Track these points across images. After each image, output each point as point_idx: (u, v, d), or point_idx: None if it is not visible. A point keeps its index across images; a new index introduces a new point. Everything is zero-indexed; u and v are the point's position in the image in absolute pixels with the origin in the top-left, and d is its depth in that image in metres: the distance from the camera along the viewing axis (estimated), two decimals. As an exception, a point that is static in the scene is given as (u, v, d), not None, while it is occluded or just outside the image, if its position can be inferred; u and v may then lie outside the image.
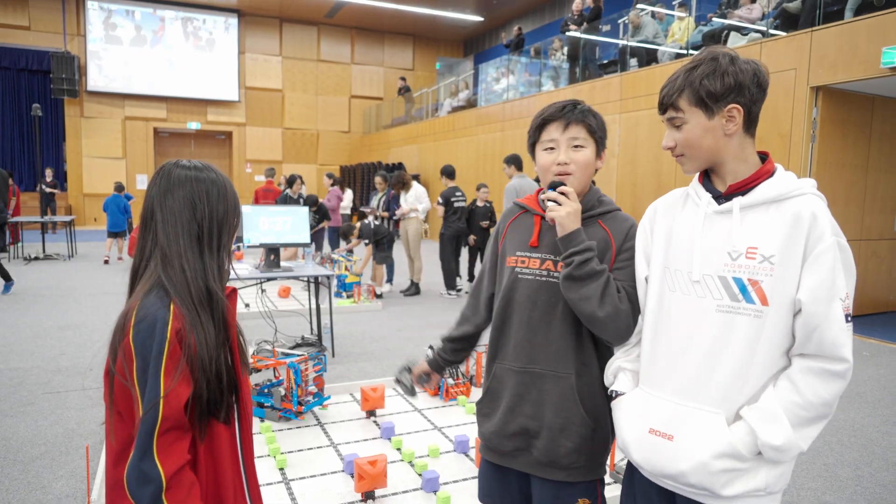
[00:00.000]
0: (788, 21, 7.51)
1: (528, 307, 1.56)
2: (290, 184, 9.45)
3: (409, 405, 3.88)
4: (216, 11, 19.83)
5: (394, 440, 3.25)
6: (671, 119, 1.35)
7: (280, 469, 2.93)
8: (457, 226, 8.09)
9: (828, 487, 3.04)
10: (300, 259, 8.26)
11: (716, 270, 1.29)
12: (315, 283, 5.33)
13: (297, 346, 4.68)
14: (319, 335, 5.29)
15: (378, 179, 8.82)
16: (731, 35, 8.08)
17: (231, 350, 1.31)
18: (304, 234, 5.01)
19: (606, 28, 11.27)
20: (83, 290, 7.96)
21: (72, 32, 18.45)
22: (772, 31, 7.67)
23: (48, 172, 16.40)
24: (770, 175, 1.32)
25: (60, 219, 12.65)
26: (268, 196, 10.46)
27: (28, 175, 18.98)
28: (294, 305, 7.15)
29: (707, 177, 1.40)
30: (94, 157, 18.78)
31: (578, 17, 11.59)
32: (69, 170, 18.78)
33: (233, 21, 20.10)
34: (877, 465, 3.29)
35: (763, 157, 1.36)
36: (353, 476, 2.71)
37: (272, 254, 4.91)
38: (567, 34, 11.68)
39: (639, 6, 10.08)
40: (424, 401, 3.97)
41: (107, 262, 10.55)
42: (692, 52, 8.82)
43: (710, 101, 1.29)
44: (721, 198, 1.34)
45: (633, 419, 1.39)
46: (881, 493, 2.99)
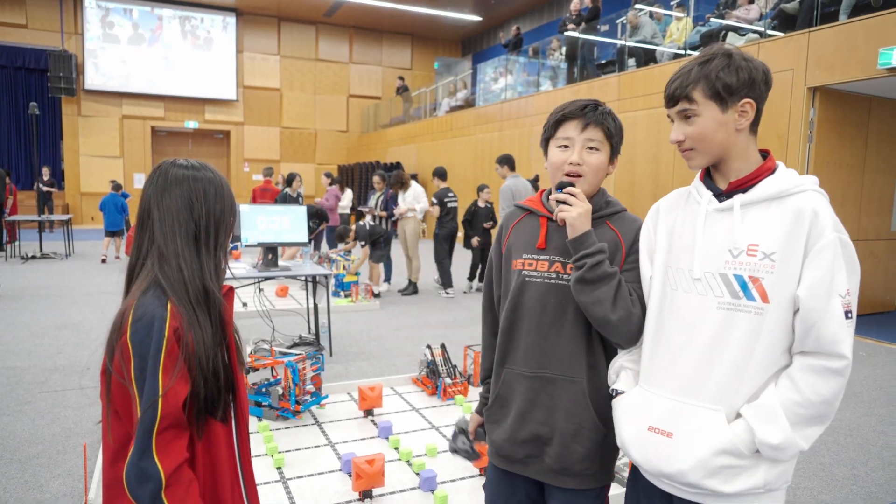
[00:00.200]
0: (786, 21, 7.53)
1: (538, 311, 1.52)
2: (290, 182, 9.44)
3: (407, 404, 3.89)
4: (214, 10, 19.80)
5: (391, 439, 3.25)
6: (682, 112, 1.32)
7: (278, 468, 2.93)
8: (450, 226, 8.23)
9: (824, 486, 3.05)
10: (298, 259, 8.26)
11: (717, 268, 1.29)
12: (313, 283, 5.32)
13: (295, 346, 4.67)
14: (317, 334, 5.29)
15: (376, 179, 8.82)
16: (729, 35, 8.09)
17: (228, 348, 1.31)
18: (302, 234, 5.01)
19: (604, 28, 11.28)
20: (80, 289, 7.95)
21: (69, 31, 18.41)
22: (769, 32, 7.68)
23: (45, 171, 16.38)
24: (771, 172, 1.31)
25: (58, 217, 12.64)
26: (265, 195, 10.42)
27: (25, 174, 18.95)
28: (292, 305, 7.15)
29: (708, 175, 1.39)
30: (92, 156, 18.74)
31: (577, 17, 11.59)
32: (66, 168, 18.74)
33: (231, 20, 20.07)
34: (873, 465, 3.31)
35: (764, 155, 1.36)
36: (351, 475, 2.72)
37: (270, 253, 4.90)
38: (565, 34, 11.69)
39: (637, 6, 10.08)
40: (422, 400, 3.98)
41: (104, 261, 10.54)
42: (690, 53, 8.84)
43: (726, 94, 1.28)
44: (722, 195, 1.34)
45: (633, 417, 1.38)
46: (877, 493, 3.00)
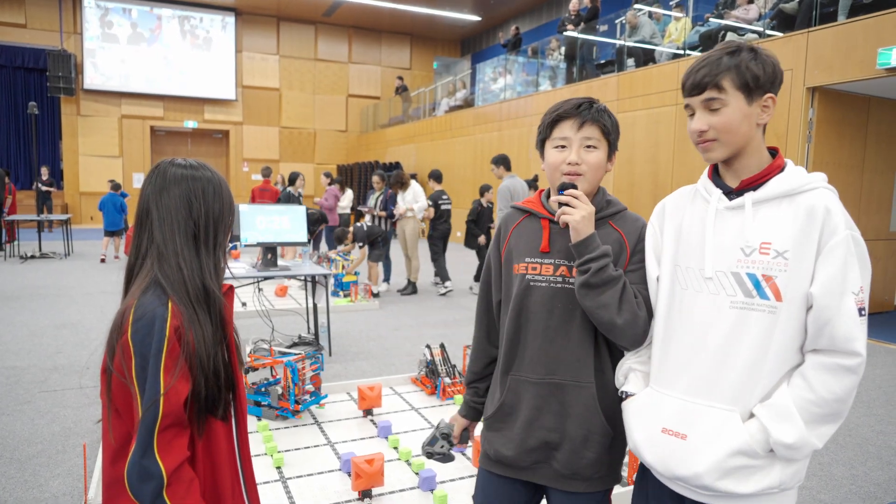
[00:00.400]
0: (785, 22, 7.54)
1: (545, 316, 1.49)
2: (292, 181, 9.43)
3: (406, 404, 3.89)
4: (213, 10, 19.80)
5: (391, 439, 3.26)
6: (709, 101, 1.28)
7: (277, 468, 2.93)
8: (443, 228, 8.44)
9: (823, 486, 3.05)
10: (297, 258, 8.26)
11: (729, 266, 1.27)
12: (312, 283, 5.32)
13: (295, 345, 4.68)
14: (316, 334, 5.29)
15: (376, 178, 8.83)
16: (728, 35, 8.09)
17: (228, 347, 1.31)
18: (302, 233, 5.01)
19: (603, 28, 11.29)
20: (79, 289, 7.95)
21: (68, 30, 18.41)
22: (768, 32, 7.69)
23: (44, 171, 16.35)
24: (781, 170, 1.30)
25: (57, 217, 12.63)
26: (264, 195, 10.41)
27: (24, 173, 18.95)
28: (291, 304, 7.14)
29: (716, 172, 1.37)
30: (91, 156, 18.75)
31: (576, 17, 11.60)
32: (65, 168, 18.75)
33: (230, 20, 20.07)
34: (871, 465, 3.31)
35: (773, 153, 1.34)
36: (350, 475, 2.72)
37: (269, 252, 4.90)
38: (564, 34, 11.70)
39: (636, 6, 10.09)
40: (421, 400, 3.98)
41: (103, 261, 10.53)
42: (689, 53, 8.85)
43: (754, 86, 1.26)
44: (731, 193, 1.32)
45: (645, 419, 1.36)
46: (875, 492, 3.00)
